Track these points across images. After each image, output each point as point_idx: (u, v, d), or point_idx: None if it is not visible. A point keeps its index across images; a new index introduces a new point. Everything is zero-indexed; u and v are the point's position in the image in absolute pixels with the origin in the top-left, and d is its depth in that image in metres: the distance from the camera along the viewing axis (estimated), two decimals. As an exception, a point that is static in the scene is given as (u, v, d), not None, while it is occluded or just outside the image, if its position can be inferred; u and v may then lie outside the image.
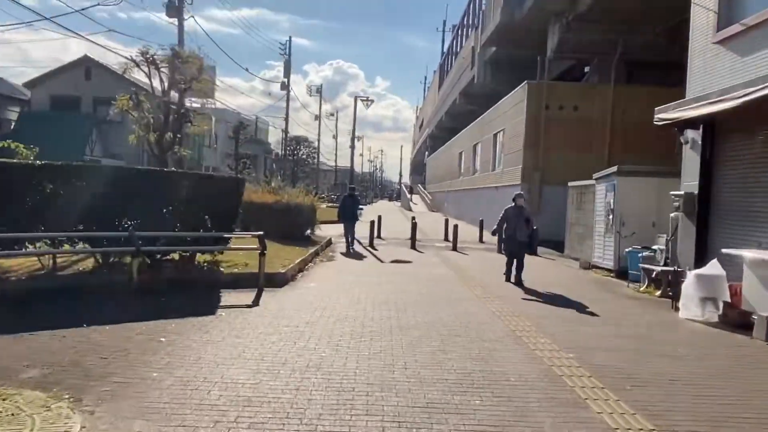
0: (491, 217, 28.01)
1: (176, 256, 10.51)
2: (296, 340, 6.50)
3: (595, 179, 14.86)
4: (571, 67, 25.38)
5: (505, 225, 12.12)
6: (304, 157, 45.57)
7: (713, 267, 8.04)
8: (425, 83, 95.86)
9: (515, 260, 11.92)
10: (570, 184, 17.95)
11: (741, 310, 7.69)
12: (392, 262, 14.90)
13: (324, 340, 6.54)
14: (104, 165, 22.99)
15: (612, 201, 13.57)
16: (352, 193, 20.95)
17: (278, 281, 10.16)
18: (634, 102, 23.09)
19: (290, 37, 45.20)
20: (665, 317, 8.66)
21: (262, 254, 9.52)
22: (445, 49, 61.81)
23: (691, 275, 8.27)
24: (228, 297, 8.95)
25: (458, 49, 49.55)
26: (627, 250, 12.71)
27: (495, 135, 29.33)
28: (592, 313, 8.92)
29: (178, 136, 15.66)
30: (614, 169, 13.44)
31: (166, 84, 15.17)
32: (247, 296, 9.00)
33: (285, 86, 46.90)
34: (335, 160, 65.22)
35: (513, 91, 25.11)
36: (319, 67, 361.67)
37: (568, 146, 23.22)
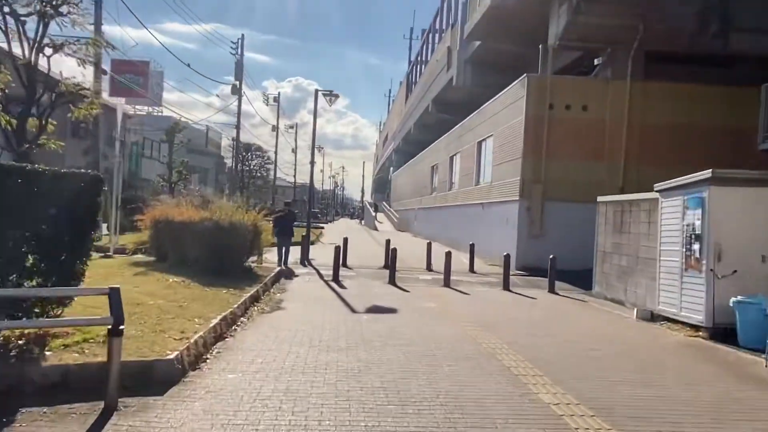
0: (481, 239, 23.48)
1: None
2: None
3: (660, 191, 10.38)
4: (576, 59, 21.24)
5: None
6: (256, 168, 40.25)
7: None
8: (389, 96, 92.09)
9: None
10: (602, 199, 13.50)
11: None
12: (369, 311, 10.01)
13: None
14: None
15: (699, 223, 9.08)
16: (290, 209, 18.23)
17: (157, 379, 5.16)
18: (655, 101, 19.05)
19: (242, 35, 40.55)
20: None
21: (113, 334, 4.50)
22: (412, 58, 57.81)
23: None
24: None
25: (428, 57, 45.51)
26: (736, 299, 8.19)
27: (480, 143, 24.96)
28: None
29: (52, 123, 10.48)
30: (706, 174, 8.94)
31: (29, 44, 10.07)
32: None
33: (237, 90, 41.74)
34: (294, 175, 60.03)
35: (507, 89, 20.77)
36: (278, 83, 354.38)
37: (576, 154, 18.97)
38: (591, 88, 19.49)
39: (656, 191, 10.53)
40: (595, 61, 19.77)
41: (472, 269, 18.35)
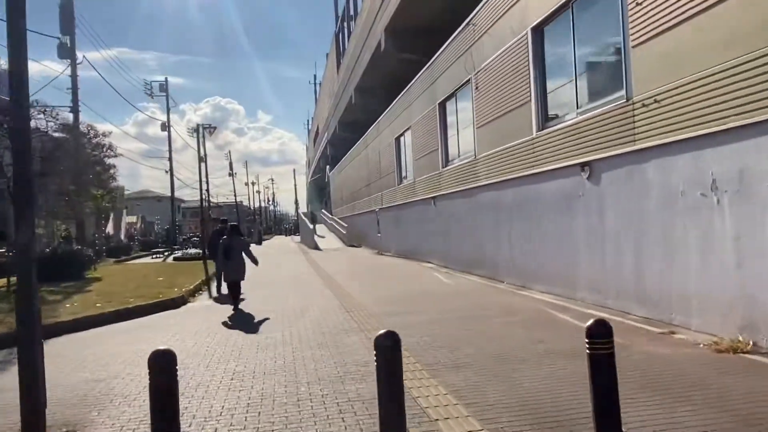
0: (559, 253, 8.50)
1: None
2: None
3: None
4: None
5: None
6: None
7: None
8: (315, 83, 77.42)
9: None
10: None
11: None
12: None
13: None
14: None
15: None
16: (225, 227, 13.85)
17: None
18: None
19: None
20: None
21: None
22: (341, 13, 42.99)
23: None
24: None
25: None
26: None
27: (533, 32, 10.67)
28: None
29: None
30: None
31: None
32: None
33: (66, 49, 25.87)
34: (204, 191, 43.42)
35: None
36: (196, 105, 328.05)
37: None
38: None
39: None
40: None
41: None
